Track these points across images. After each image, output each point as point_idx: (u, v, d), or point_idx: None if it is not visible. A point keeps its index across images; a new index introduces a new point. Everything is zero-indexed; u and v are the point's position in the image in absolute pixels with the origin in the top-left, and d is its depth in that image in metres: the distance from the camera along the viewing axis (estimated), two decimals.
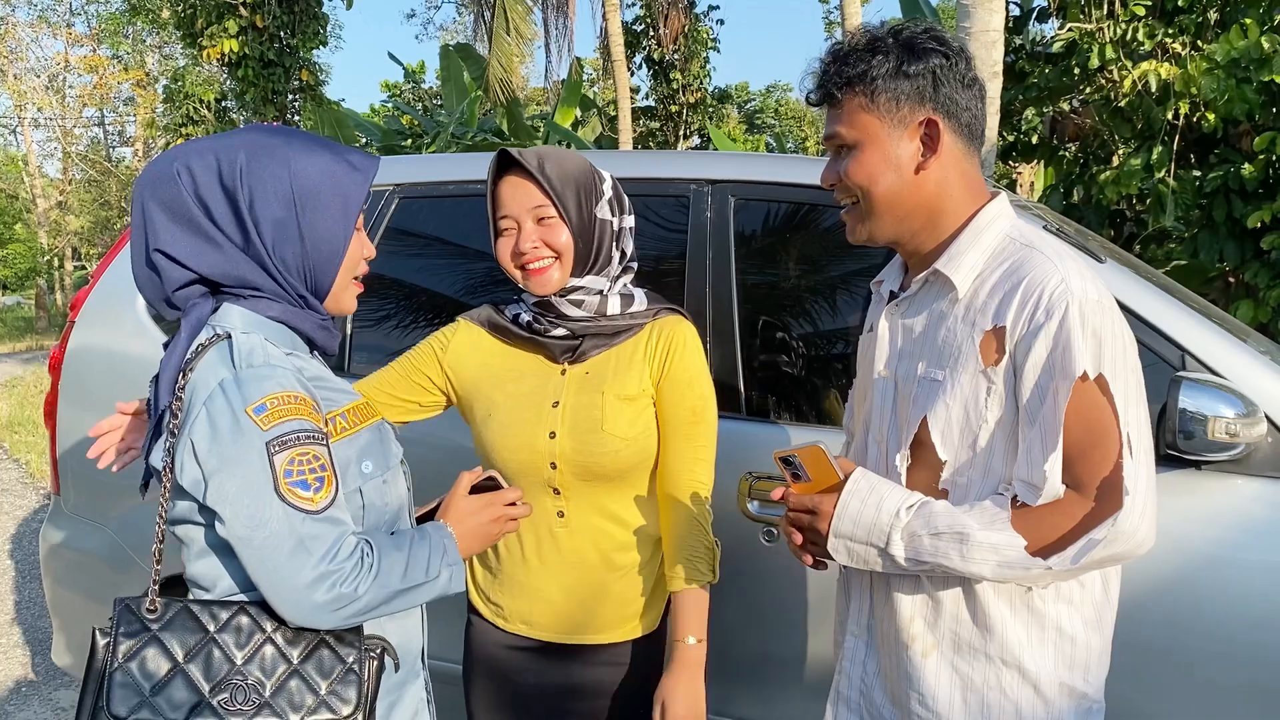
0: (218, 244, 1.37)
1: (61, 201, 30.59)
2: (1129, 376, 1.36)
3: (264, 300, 1.42)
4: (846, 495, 1.43)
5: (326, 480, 1.31)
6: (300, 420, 1.32)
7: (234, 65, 14.32)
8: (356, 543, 1.33)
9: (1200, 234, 5.65)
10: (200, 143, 1.42)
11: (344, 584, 1.28)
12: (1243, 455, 2.00)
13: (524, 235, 1.76)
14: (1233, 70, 5.11)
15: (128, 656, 1.28)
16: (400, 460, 1.57)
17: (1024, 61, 6.91)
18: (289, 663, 1.31)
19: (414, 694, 1.56)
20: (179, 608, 1.33)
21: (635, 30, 19.33)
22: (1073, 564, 1.33)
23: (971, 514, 1.37)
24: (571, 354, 1.82)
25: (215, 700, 1.27)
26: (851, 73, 1.46)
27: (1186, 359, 2.11)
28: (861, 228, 1.53)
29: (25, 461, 8.21)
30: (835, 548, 1.45)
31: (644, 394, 1.81)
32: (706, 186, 2.58)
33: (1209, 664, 2.05)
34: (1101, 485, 1.33)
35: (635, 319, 1.84)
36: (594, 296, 1.81)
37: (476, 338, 1.91)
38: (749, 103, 38.72)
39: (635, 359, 1.82)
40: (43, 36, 29.99)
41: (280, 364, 1.36)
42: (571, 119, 16.13)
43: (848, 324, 2.55)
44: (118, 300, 2.97)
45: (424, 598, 1.43)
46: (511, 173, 1.77)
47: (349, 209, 1.42)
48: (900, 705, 1.56)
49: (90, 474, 2.99)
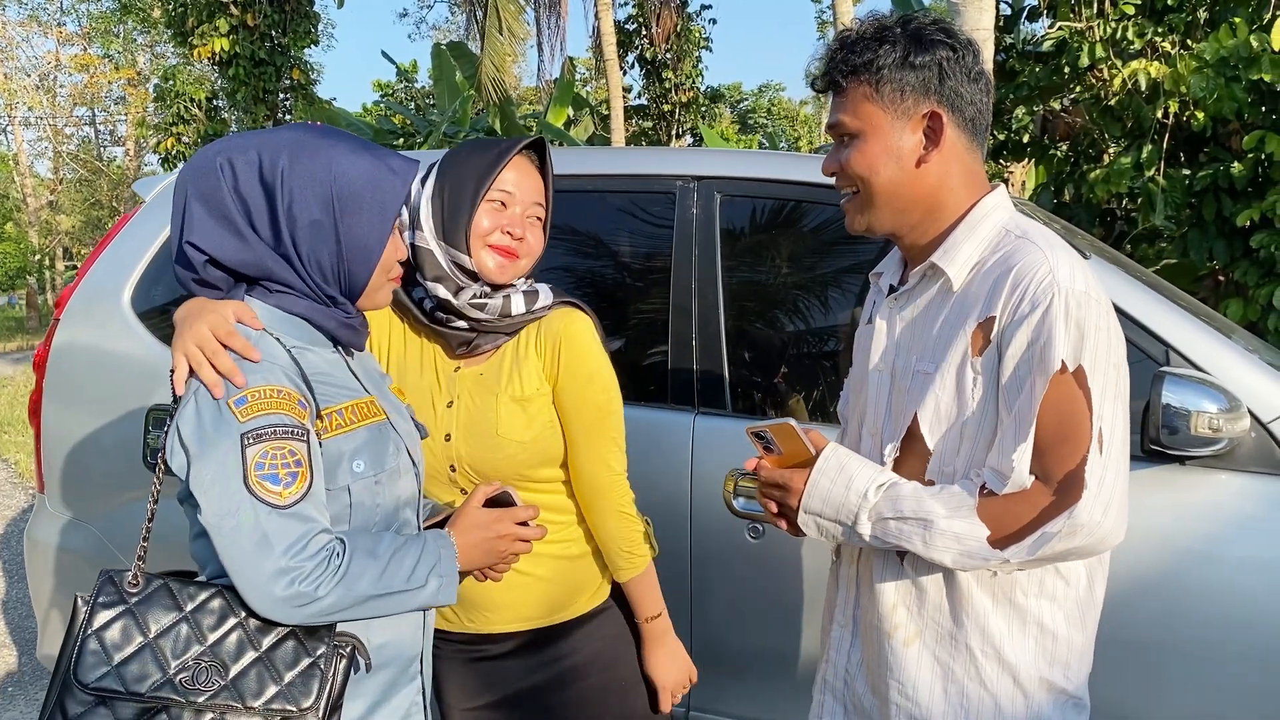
0: (247, 241, 1.39)
1: (52, 201, 30.51)
2: (1110, 372, 1.35)
3: (289, 296, 1.43)
4: (816, 473, 1.45)
5: (300, 476, 1.30)
6: (278, 415, 1.32)
7: (225, 64, 14.31)
8: (326, 542, 1.31)
9: (1190, 232, 5.66)
10: (245, 138, 1.42)
11: (302, 582, 1.27)
12: (1226, 450, 2.00)
13: (516, 221, 1.71)
14: (1222, 69, 5.11)
15: (103, 626, 1.30)
16: (412, 463, 1.56)
17: (1014, 60, 6.92)
18: (256, 650, 1.31)
19: (405, 698, 1.54)
20: (159, 584, 1.34)
21: (628, 29, 19.35)
22: (1029, 555, 1.33)
23: (939, 498, 1.38)
24: (466, 347, 1.76)
25: (178, 678, 1.28)
26: (858, 61, 1.45)
27: (1170, 354, 2.11)
28: (860, 218, 1.52)
29: (14, 461, 8.17)
30: (805, 523, 1.48)
31: (539, 394, 1.76)
32: (692, 183, 2.58)
33: (1195, 659, 2.05)
34: (1065, 478, 1.33)
35: (538, 315, 1.77)
36: (497, 299, 1.73)
37: (387, 319, 1.83)
38: (741, 102, 38.74)
39: (528, 357, 1.77)
40: (33, 35, 29.81)
41: (270, 359, 1.36)
42: (564, 118, 16.11)
43: (834, 320, 2.55)
44: (103, 298, 2.96)
45: (405, 605, 1.40)
46: (526, 158, 1.75)
47: (386, 213, 1.43)
48: (880, 695, 1.56)
49: (75, 472, 2.97)
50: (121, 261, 2.95)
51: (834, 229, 2.51)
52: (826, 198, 2.47)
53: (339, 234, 1.40)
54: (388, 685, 1.50)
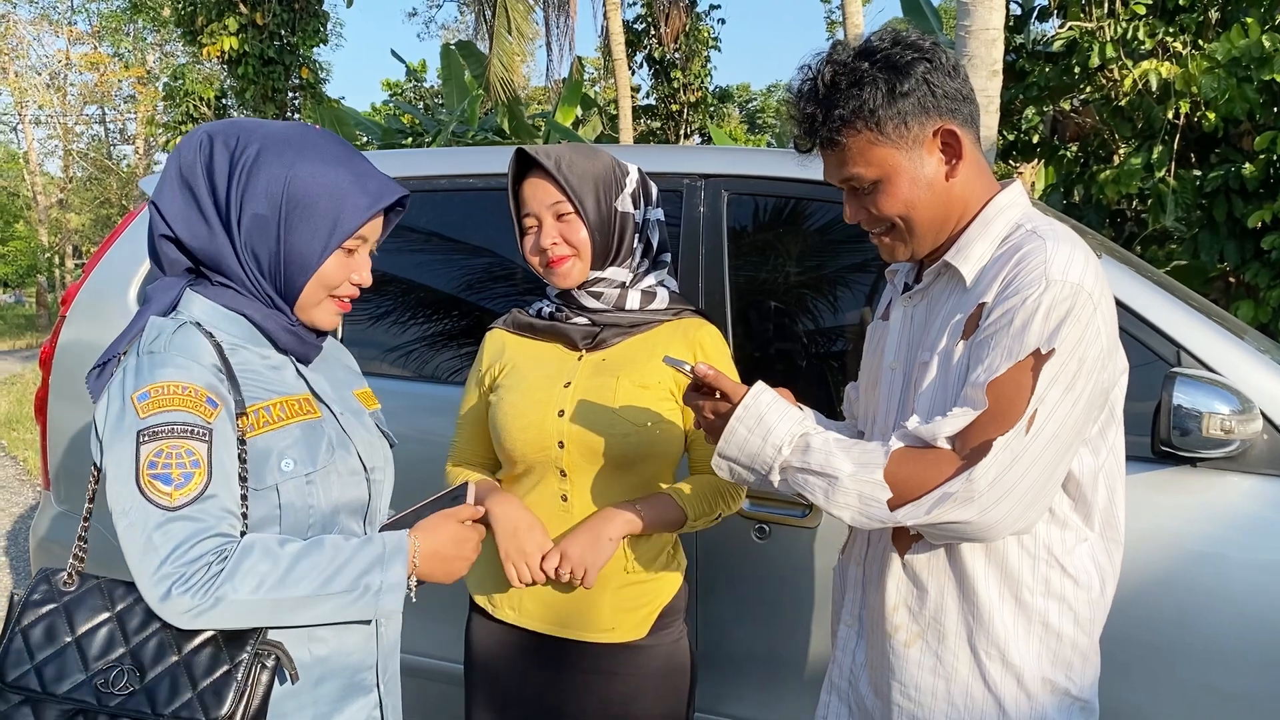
0: (202, 214, 1.38)
1: (62, 199, 30.62)
2: (1069, 363, 1.31)
3: (232, 292, 1.41)
4: (735, 421, 1.43)
5: (195, 476, 1.26)
6: (180, 412, 1.27)
7: (234, 63, 14.34)
8: (217, 545, 1.26)
9: (1200, 234, 5.63)
10: (239, 123, 1.43)
11: (182, 586, 1.22)
12: (1238, 452, 1.98)
13: (544, 232, 1.80)
14: (1233, 69, 5.09)
15: (30, 624, 1.29)
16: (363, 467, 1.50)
17: (1024, 60, 6.89)
18: (177, 653, 1.27)
19: (359, 711, 1.49)
20: (92, 584, 1.32)
21: (636, 29, 19.33)
22: (924, 516, 1.32)
23: (850, 454, 1.37)
24: (591, 340, 1.84)
25: (96, 680, 1.26)
26: (845, 112, 1.40)
27: (1182, 355, 2.09)
28: (903, 248, 1.50)
29: (23, 459, 8.19)
30: (718, 465, 1.47)
31: (661, 386, 1.81)
32: (700, 181, 2.56)
33: (1205, 662, 2.03)
34: (978, 446, 1.31)
35: (654, 316, 1.86)
36: (614, 290, 1.84)
37: (500, 342, 1.95)
38: (750, 102, 38.72)
39: (657, 353, 1.82)
40: (44, 34, 29.92)
41: (185, 353, 1.32)
42: (572, 118, 16.11)
43: (841, 318, 2.53)
44: (109, 295, 2.96)
45: (327, 612, 1.32)
46: (533, 173, 1.81)
47: (336, 231, 1.40)
48: (882, 696, 1.55)
49: (80, 468, 2.97)
50: (127, 259, 2.95)
51: (841, 227, 2.49)
52: (834, 196, 2.45)
53: (280, 234, 1.38)
54: (336, 698, 1.45)
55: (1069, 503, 1.43)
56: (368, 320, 2.85)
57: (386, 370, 2.78)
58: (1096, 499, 1.43)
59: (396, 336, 2.83)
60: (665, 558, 1.86)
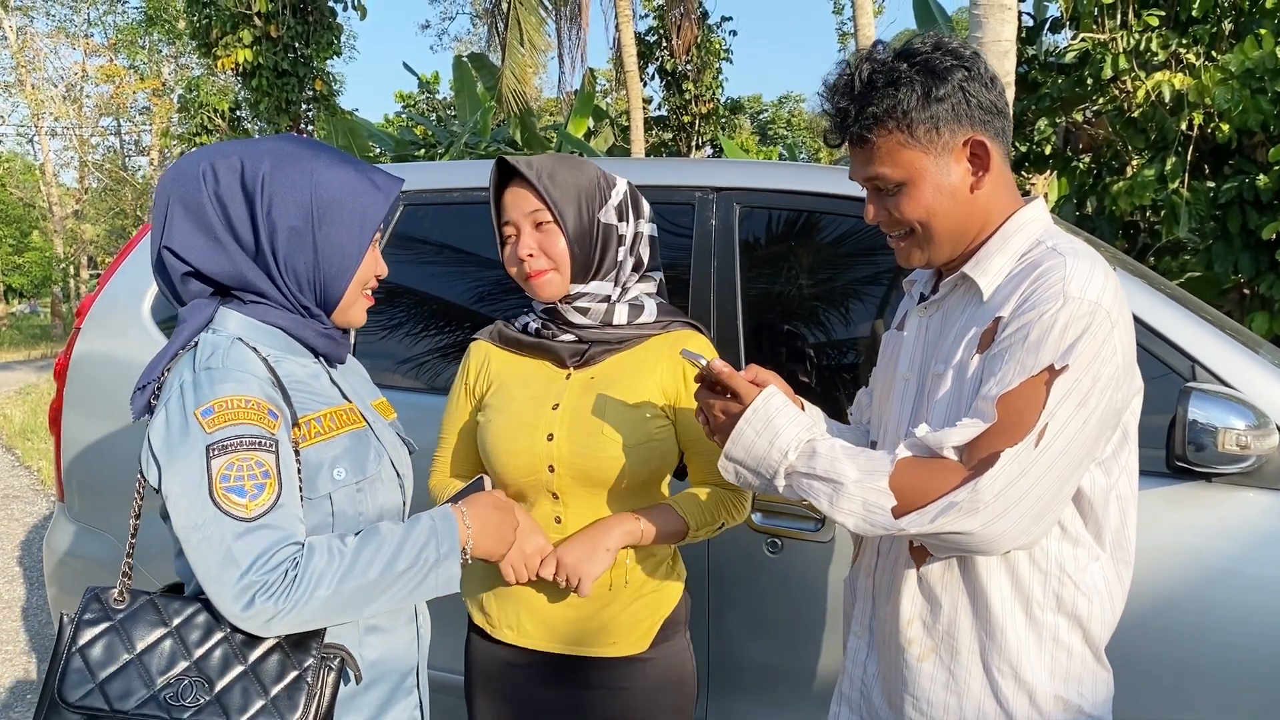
0: (225, 248, 1.38)
1: (77, 210, 30.84)
2: (1083, 379, 1.30)
3: (264, 306, 1.42)
4: (743, 423, 1.42)
5: (267, 487, 1.28)
6: (246, 425, 1.29)
7: (248, 75, 14.40)
8: (294, 553, 1.28)
9: (1215, 245, 5.61)
10: (229, 145, 1.42)
11: (266, 595, 1.24)
12: (1254, 467, 1.97)
13: (521, 242, 1.77)
14: (1247, 81, 5.07)
15: (88, 644, 1.29)
16: (396, 474, 1.55)
17: (1037, 72, 6.89)
18: (242, 663, 1.29)
19: (402, 712, 1.52)
20: (144, 600, 1.33)
21: (648, 41, 19.40)
22: (928, 525, 1.30)
23: (856, 460, 1.35)
24: (579, 358, 1.81)
25: (163, 695, 1.26)
26: (878, 111, 1.40)
27: (1197, 369, 2.08)
28: (919, 254, 1.50)
29: (37, 469, 8.23)
30: (724, 468, 1.46)
31: (653, 403, 1.78)
32: (712, 194, 2.57)
33: (1220, 678, 2.01)
34: (984, 458, 1.29)
35: (643, 330, 1.83)
36: (599, 304, 1.81)
37: (485, 354, 1.92)
38: (762, 113, 38.76)
39: (646, 369, 1.80)
40: (60, 47, 30.16)
41: (242, 368, 1.34)
42: (584, 129, 16.17)
43: (853, 330, 2.53)
44: (123, 306, 2.97)
45: (396, 594, 1.35)
46: (514, 182, 1.79)
47: (366, 224, 1.43)
48: (895, 709, 1.54)
49: (94, 480, 2.99)
50: (141, 271, 2.97)
51: (852, 240, 2.49)
52: (845, 209, 2.45)
53: (316, 242, 1.40)
54: (383, 700, 1.49)
55: (1081, 520, 1.42)
56: (380, 332, 2.85)
57: (398, 382, 2.78)
58: (1108, 519, 1.42)
59: (409, 348, 2.84)
60: (665, 569, 1.85)
